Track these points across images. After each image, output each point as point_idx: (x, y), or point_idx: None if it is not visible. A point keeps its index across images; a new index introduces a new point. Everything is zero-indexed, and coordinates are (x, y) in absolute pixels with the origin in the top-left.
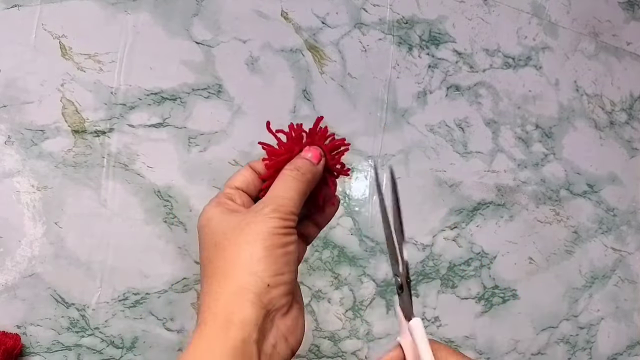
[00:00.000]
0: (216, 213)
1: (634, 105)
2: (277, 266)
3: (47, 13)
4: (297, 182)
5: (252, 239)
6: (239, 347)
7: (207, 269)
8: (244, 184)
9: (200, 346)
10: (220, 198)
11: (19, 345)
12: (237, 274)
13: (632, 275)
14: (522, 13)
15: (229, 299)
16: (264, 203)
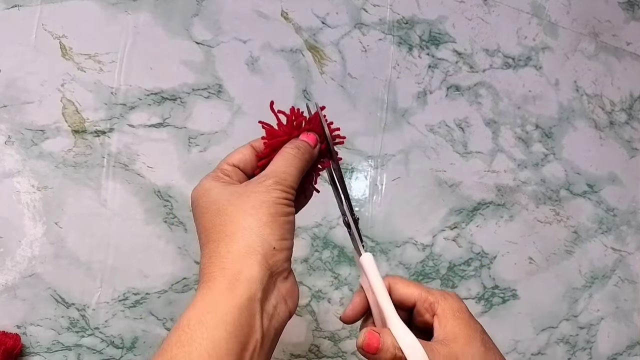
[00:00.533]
0: (215, 185)
1: (634, 105)
2: (281, 231)
3: (47, 13)
4: (297, 160)
5: (258, 205)
6: (245, 304)
7: (211, 233)
8: (242, 162)
9: (208, 300)
10: (217, 173)
11: (19, 345)
12: (245, 236)
13: (632, 275)
14: (522, 13)
15: (237, 258)
16: (265, 176)
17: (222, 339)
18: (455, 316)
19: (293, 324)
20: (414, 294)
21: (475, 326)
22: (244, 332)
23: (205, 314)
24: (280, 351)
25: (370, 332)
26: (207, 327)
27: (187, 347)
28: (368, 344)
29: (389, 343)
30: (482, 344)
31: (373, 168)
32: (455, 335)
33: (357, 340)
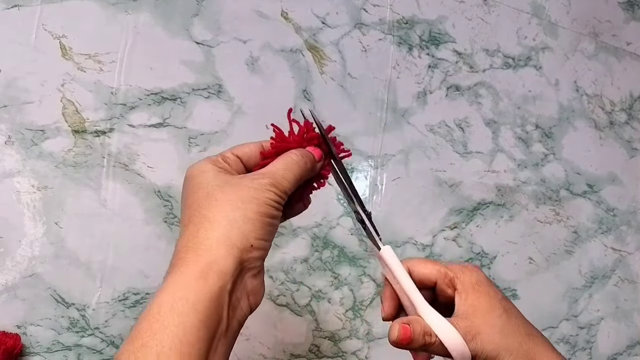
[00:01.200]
0: (211, 168)
1: (634, 105)
2: (263, 232)
3: (47, 13)
4: (297, 167)
5: (248, 200)
6: (216, 294)
7: (194, 214)
8: (245, 155)
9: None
10: (218, 158)
11: (19, 345)
12: (227, 227)
13: (632, 275)
14: (522, 13)
15: (213, 248)
16: (262, 174)
17: (193, 327)
18: (474, 289)
19: (293, 323)
20: (432, 272)
21: (496, 295)
22: (213, 321)
23: (177, 301)
24: (280, 351)
25: (402, 325)
26: (178, 314)
27: (159, 335)
28: (402, 338)
29: (419, 331)
30: (504, 312)
31: (373, 168)
32: (475, 307)
33: (390, 334)
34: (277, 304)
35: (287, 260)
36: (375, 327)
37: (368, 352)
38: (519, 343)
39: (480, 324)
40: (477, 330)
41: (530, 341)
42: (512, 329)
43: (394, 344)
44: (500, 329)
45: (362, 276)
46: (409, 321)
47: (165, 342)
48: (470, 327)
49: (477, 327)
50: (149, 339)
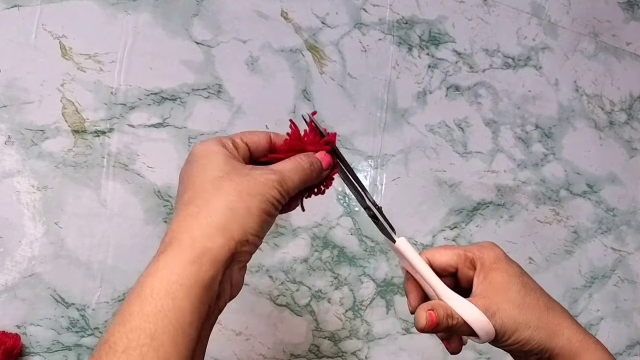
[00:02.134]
0: (222, 151)
1: (634, 105)
2: (260, 228)
3: (47, 13)
4: (305, 173)
5: (254, 194)
6: (208, 282)
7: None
8: (254, 145)
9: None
10: (226, 141)
11: (18, 345)
12: (229, 217)
13: (632, 275)
14: (521, 13)
15: (211, 235)
16: (272, 171)
17: (186, 312)
18: (492, 267)
19: (293, 323)
20: (452, 258)
21: (514, 271)
22: (204, 308)
23: (171, 284)
24: (280, 351)
25: (428, 312)
26: (173, 298)
27: (152, 317)
28: (430, 324)
29: (442, 314)
30: (522, 286)
31: (373, 168)
32: (494, 285)
33: (418, 321)
34: (277, 304)
35: (287, 260)
36: (375, 327)
37: (368, 352)
38: (538, 317)
39: (498, 300)
40: (497, 307)
41: (549, 314)
42: (530, 303)
43: (422, 330)
44: (519, 304)
45: (362, 276)
46: (433, 306)
47: (158, 325)
48: (489, 305)
49: (496, 304)
50: (141, 321)
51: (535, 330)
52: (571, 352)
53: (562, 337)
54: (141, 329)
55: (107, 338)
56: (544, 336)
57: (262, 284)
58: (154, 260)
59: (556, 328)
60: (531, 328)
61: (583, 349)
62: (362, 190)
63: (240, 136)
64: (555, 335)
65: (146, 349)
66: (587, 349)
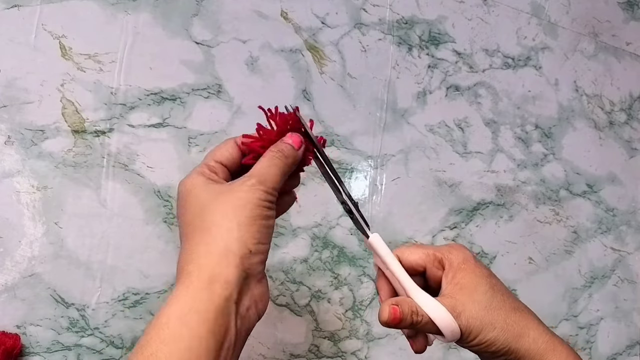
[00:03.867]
0: (202, 181)
1: (634, 105)
2: (259, 235)
3: (47, 13)
4: (280, 162)
5: (241, 206)
6: (222, 305)
7: (191, 230)
8: (227, 161)
9: (187, 298)
10: (204, 169)
11: (18, 345)
12: (224, 237)
13: (631, 275)
14: (521, 13)
15: (214, 259)
16: (249, 176)
17: (202, 338)
18: (460, 268)
19: (293, 323)
20: (421, 257)
21: (482, 272)
22: (221, 331)
23: (186, 313)
24: (280, 351)
25: (391, 306)
26: (187, 326)
27: (169, 344)
28: (392, 318)
29: (407, 311)
30: (490, 288)
31: (373, 168)
32: (461, 285)
33: (380, 315)
34: (276, 304)
35: (287, 260)
36: (375, 327)
37: (368, 352)
38: (504, 318)
39: (465, 301)
40: (463, 307)
41: (515, 315)
42: (497, 305)
43: (385, 324)
44: (485, 304)
45: (362, 276)
46: (398, 302)
47: (174, 352)
48: (455, 305)
49: (462, 304)
50: (157, 348)
51: (501, 332)
52: (537, 353)
53: (527, 338)
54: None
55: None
56: (509, 337)
57: None
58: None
59: (522, 330)
60: (497, 329)
61: (549, 350)
62: (339, 184)
63: (212, 157)
64: (520, 336)
65: None
66: (553, 350)
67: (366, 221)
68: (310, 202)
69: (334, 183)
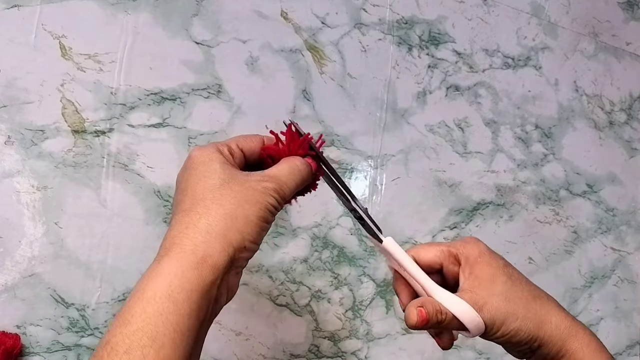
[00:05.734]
0: (219, 158)
1: (634, 105)
2: (258, 236)
3: (47, 13)
4: (300, 176)
5: (253, 202)
6: (208, 287)
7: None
8: (249, 151)
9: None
10: (224, 148)
11: (18, 345)
12: (228, 225)
13: (631, 275)
14: (521, 13)
15: (211, 242)
16: (269, 177)
17: (186, 315)
18: (477, 261)
19: (293, 323)
20: (437, 255)
21: (498, 263)
22: (203, 312)
23: (174, 288)
24: (280, 351)
25: (418, 309)
26: (174, 302)
27: (154, 319)
28: (421, 320)
29: (432, 310)
30: (508, 278)
31: (373, 168)
32: (479, 279)
33: (409, 319)
34: (276, 304)
35: (287, 260)
36: (375, 327)
37: (368, 352)
38: (525, 307)
39: (485, 294)
40: (484, 300)
41: (535, 303)
42: (516, 294)
43: (413, 328)
44: (505, 295)
45: (362, 276)
46: (422, 303)
47: (159, 328)
48: (476, 299)
49: (482, 298)
50: (143, 323)
51: (523, 321)
52: (560, 338)
53: (549, 325)
54: (143, 331)
55: (108, 339)
56: (532, 325)
57: (262, 284)
58: (155, 264)
59: (543, 317)
60: (519, 319)
61: (571, 336)
62: (347, 193)
63: (236, 142)
64: (543, 323)
65: (147, 350)
66: (576, 335)
67: (378, 226)
68: (310, 202)
69: (343, 194)
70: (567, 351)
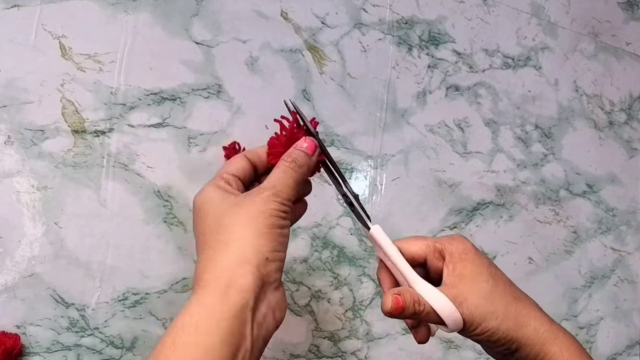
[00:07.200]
0: (217, 193)
1: (633, 105)
2: (275, 243)
3: (47, 13)
4: (293, 172)
5: (255, 216)
6: (238, 312)
7: (208, 240)
8: (241, 172)
9: (203, 306)
10: (219, 181)
11: (18, 345)
12: (241, 246)
13: (631, 275)
14: (521, 13)
15: (231, 267)
16: (263, 188)
17: (215, 345)
18: (461, 258)
19: (293, 323)
20: (422, 248)
21: (482, 262)
22: (236, 339)
23: (201, 320)
24: (280, 351)
25: (394, 296)
26: (201, 333)
27: (183, 349)
28: (395, 308)
29: (409, 300)
30: (490, 277)
31: (372, 168)
32: (462, 275)
33: (383, 305)
34: None
35: (287, 260)
36: (374, 327)
37: (368, 352)
38: (505, 307)
39: (466, 290)
40: (464, 297)
41: (516, 304)
42: (498, 294)
43: (388, 314)
44: (487, 294)
45: (362, 276)
46: (400, 292)
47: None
48: (457, 294)
49: (463, 294)
50: (172, 354)
51: (502, 321)
52: (539, 341)
53: (528, 327)
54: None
55: None
56: (511, 326)
57: None
58: (186, 304)
59: (523, 319)
60: (498, 318)
61: (550, 339)
62: (340, 177)
63: (226, 170)
64: (522, 325)
65: None
66: (555, 339)
67: (367, 213)
68: (310, 202)
69: (335, 176)
70: (547, 354)
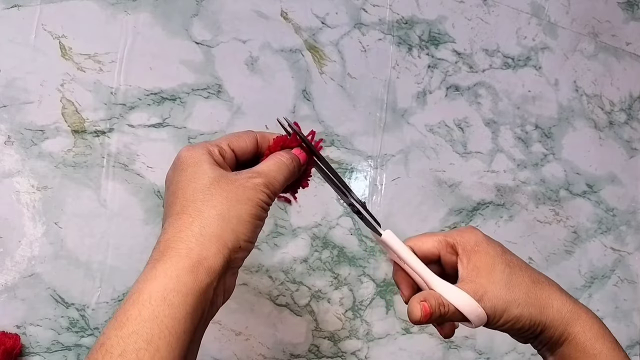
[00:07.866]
0: (208, 160)
1: (633, 105)
2: (252, 234)
3: (47, 13)
4: (287, 169)
5: (243, 200)
6: (204, 289)
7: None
8: (241, 151)
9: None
10: (214, 149)
11: (18, 345)
12: (222, 226)
13: (631, 275)
14: (521, 13)
15: (206, 244)
16: (257, 173)
17: (182, 318)
18: (474, 250)
19: (293, 323)
20: (434, 245)
21: (495, 251)
22: (198, 314)
23: (169, 292)
24: (280, 351)
25: (421, 304)
26: (169, 305)
27: (150, 323)
28: (425, 315)
29: (434, 304)
30: (506, 265)
31: (373, 168)
32: (478, 268)
33: (412, 314)
34: (276, 304)
35: (287, 260)
36: (374, 327)
37: (368, 352)
38: (525, 293)
39: (484, 283)
40: (484, 290)
41: (536, 288)
42: (516, 281)
43: (417, 323)
44: (505, 283)
45: (362, 276)
46: (425, 297)
47: (155, 331)
48: (476, 289)
49: (483, 287)
50: (138, 326)
51: (525, 307)
52: (562, 322)
53: (551, 309)
54: (138, 334)
55: (103, 341)
56: (533, 311)
57: (262, 284)
58: (149, 267)
59: (545, 301)
60: (520, 305)
61: (573, 319)
62: (344, 187)
63: (227, 142)
64: (544, 308)
65: (142, 353)
66: (578, 319)
67: (376, 219)
68: (310, 202)
69: (339, 187)
70: (570, 334)
